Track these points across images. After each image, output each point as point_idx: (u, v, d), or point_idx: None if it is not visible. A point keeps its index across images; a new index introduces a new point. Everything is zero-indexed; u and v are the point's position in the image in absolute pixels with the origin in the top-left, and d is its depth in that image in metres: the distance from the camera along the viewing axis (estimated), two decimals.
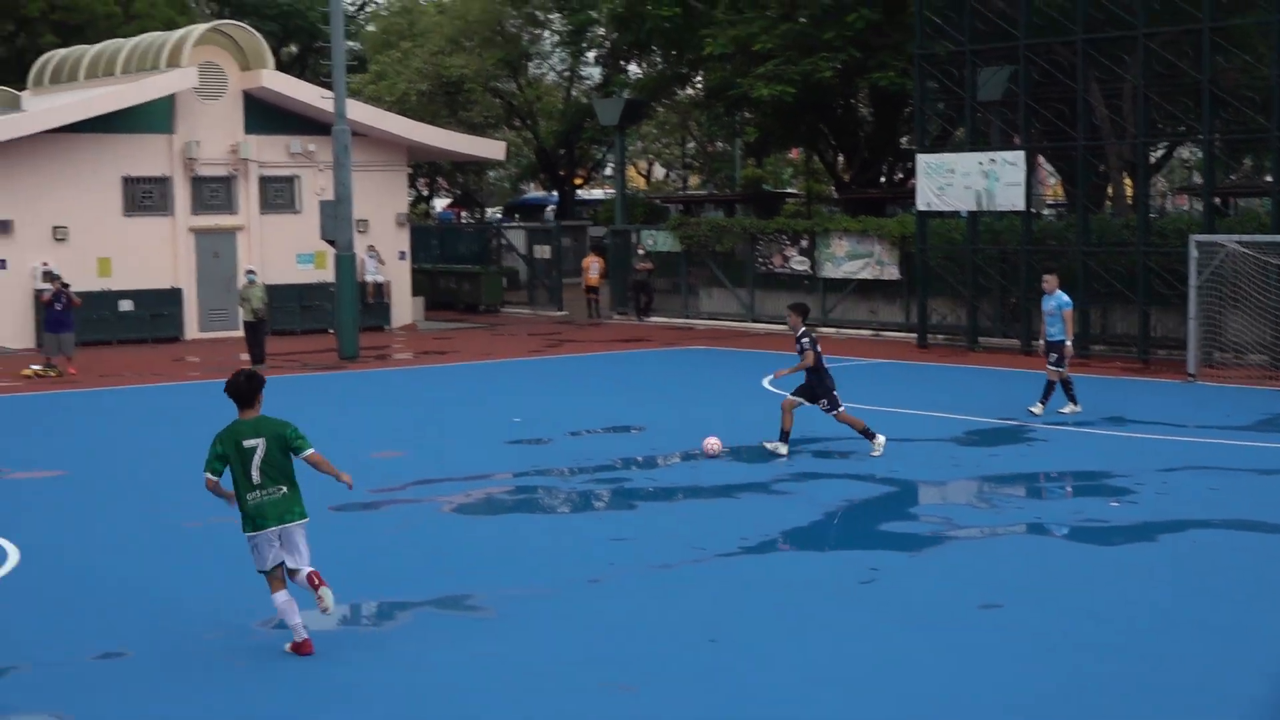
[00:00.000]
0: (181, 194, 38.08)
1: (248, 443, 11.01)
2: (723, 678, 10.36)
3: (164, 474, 18.60)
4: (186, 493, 17.25)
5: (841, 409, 19.48)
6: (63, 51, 43.28)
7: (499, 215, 71.98)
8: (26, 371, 29.98)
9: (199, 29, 38.90)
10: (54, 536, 15.04)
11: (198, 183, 38.37)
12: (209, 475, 11.07)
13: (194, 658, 10.92)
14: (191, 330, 38.03)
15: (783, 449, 19.29)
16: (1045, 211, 42.81)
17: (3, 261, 35.85)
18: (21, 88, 41.99)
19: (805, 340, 19.42)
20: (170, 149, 37.85)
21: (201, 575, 13.45)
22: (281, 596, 11.05)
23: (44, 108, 37.19)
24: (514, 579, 13.09)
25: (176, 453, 20.29)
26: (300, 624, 11.01)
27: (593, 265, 44.52)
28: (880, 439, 19.32)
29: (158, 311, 37.36)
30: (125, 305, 36.83)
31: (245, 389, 11.16)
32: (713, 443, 19.39)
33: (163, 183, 37.91)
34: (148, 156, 37.63)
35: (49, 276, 31.62)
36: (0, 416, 24.88)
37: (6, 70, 57.56)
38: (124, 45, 40.09)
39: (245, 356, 31.21)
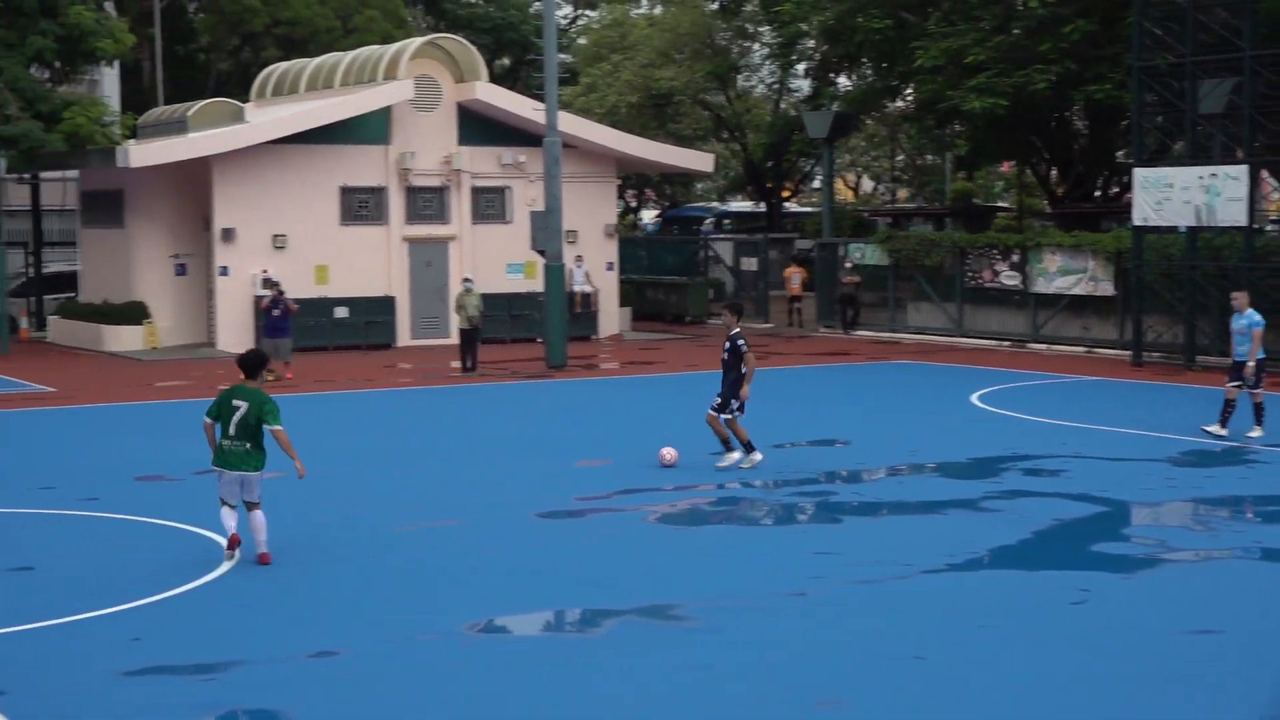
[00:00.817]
0: (396, 204, 38.87)
1: (236, 403, 14.10)
2: (928, 695, 10.23)
3: (375, 477, 18.98)
4: (399, 496, 17.62)
5: (729, 417, 19.19)
6: (284, 65, 44.48)
7: (709, 227, 72.11)
8: None
9: (415, 43, 39.69)
10: (271, 536, 15.41)
11: (412, 193, 39.14)
12: (206, 419, 14.36)
13: (405, 658, 11.11)
14: (404, 337, 38.77)
15: (756, 456, 19.20)
16: (1269, 228, 41.59)
17: (225, 268, 36.96)
18: (245, 100, 43.26)
19: (741, 342, 19.34)
20: (386, 160, 38.66)
21: (413, 577, 13.68)
22: (226, 512, 14.24)
23: (266, 119, 38.26)
24: (718, 590, 13.09)
25: (386, 456, 20.71)
26: (231, 526, 14.18)
27: (794, 275, 45.22)
28: (757, 455, 19.14)
29: (371, 319, 38.16)
30: (341, 312, 37.70)
31: (252, 363, 14.50)
32: (668, 453, 19.39)
33: (378, 193, 38.75)
34: (364, 167, 38.50)
35: (268, 283, 32.50)
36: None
37: (231, 83, 59.42)
38: (343, 59, 41.08)
39: (455, 364, 31.72)
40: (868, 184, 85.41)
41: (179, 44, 62.33)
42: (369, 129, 38.35)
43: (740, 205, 76.00)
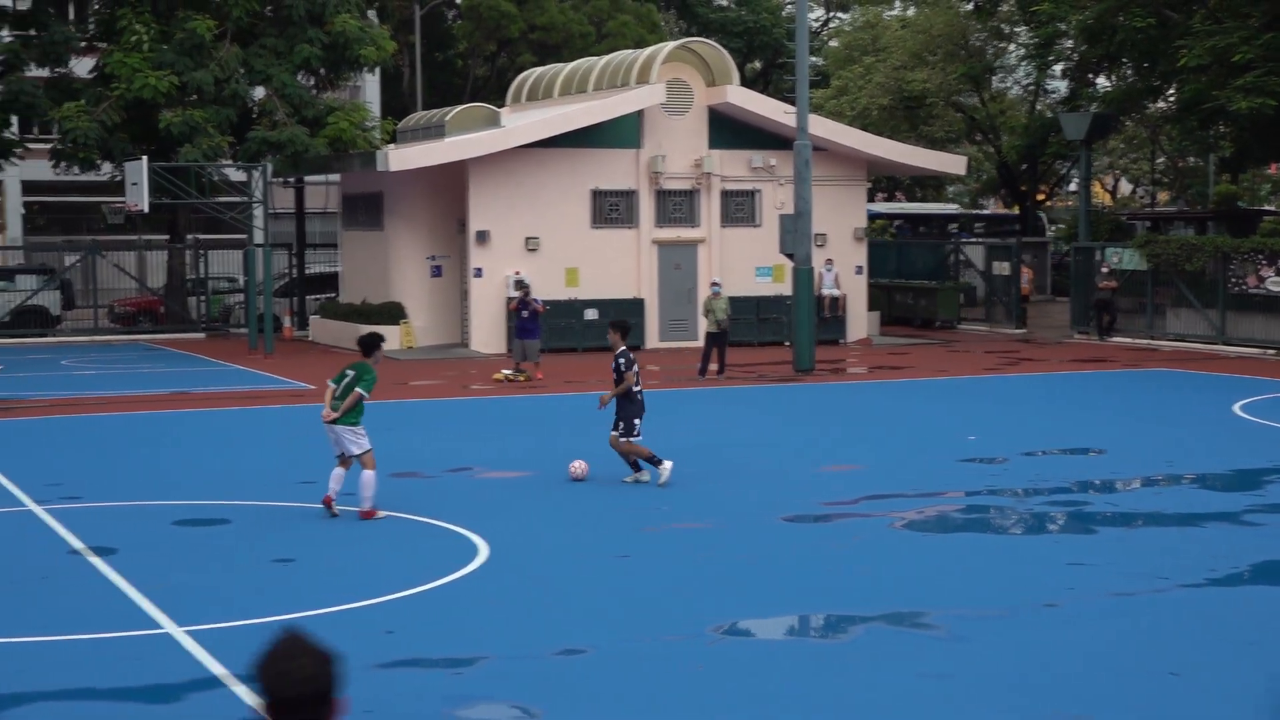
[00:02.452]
0: (646, 207, 39.18)
1: (347, 372, 16.66)
2: (1182, 713, 9.92)
3: (622, 476, 19.12)
4: (646, 499, 17.73)
5: (630, 439, 18.51)
6: (539, 70, 45.17)
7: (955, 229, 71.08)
8: (497, 376, 31.40)
9: (668, 47, 39.94)
10: (520, 534, 15.67)
11: (662, 196, 39.41)
12: (330, 384, 16.74)
13: (651, 658, 11.17)
14: (652, 340, 39.06)
15: (664, 470, 18.40)
16: None
17: (479, 270, 37.69)
18: (501, 104, 44.05)
19: (622, 361, 18.67)
20: (637, 163, 39.00)
21: (659, 578, 13.75)
22: (336, 469, 16.53)
23: (521, 124, 38.90)
24: (966, 599, 12.88)
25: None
26: (334, 487, 16.38)
27: (1022, 275, 45.70)
28: (667, 465, 18.37)
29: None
30: (590, 314, 38.12)
31: (368, 344, 16.97)
32: (578, 466, 18.90)
33: (629, 196, 39.11)
34: (616, 170, 38.90)
35: (519, 285, 33.03)
36: (471, 418, 26.15)
37: (488, 88, 60.60)
38: (596, 63, 41.56)
39: (710, 366, 31.80)
40: (1125, 187, 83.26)
41: (438, 50, 63.83)
42: (621, 133, 38.73)
43: (945, 208, 74.72)
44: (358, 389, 16.38)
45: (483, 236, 37.70)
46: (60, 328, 45.64)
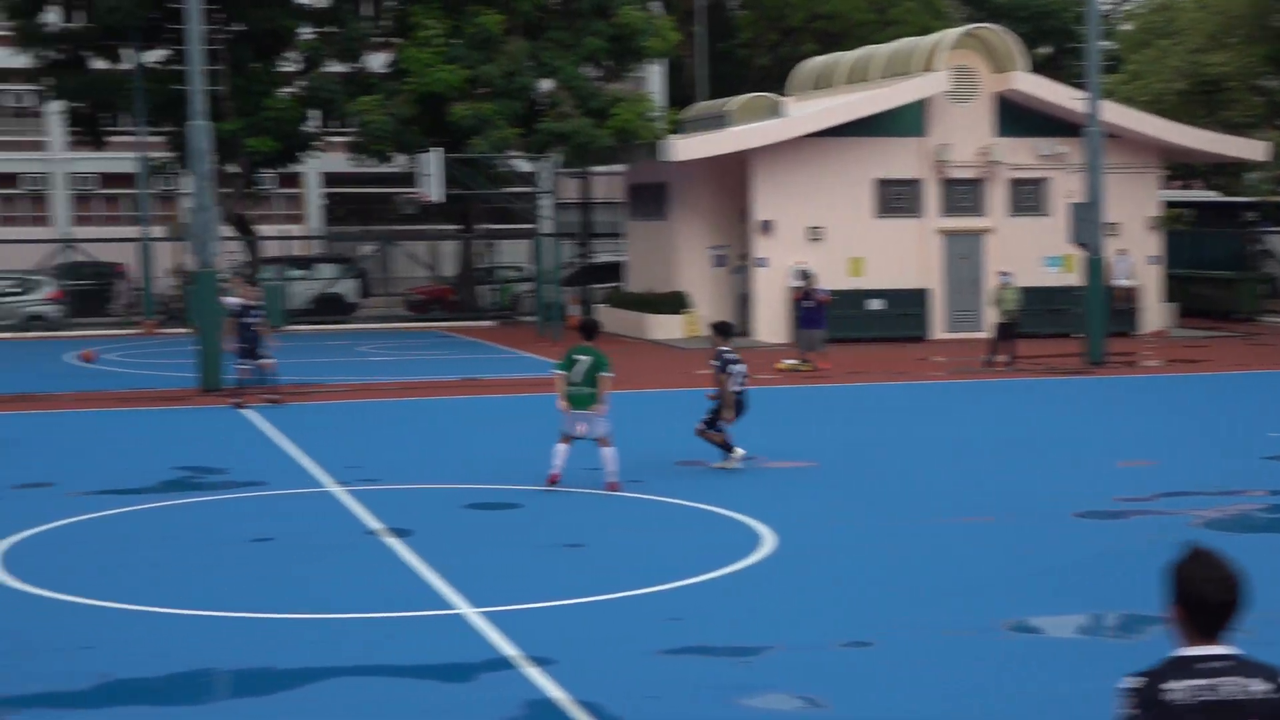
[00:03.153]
0: (931, 196, 38.69)
1: (580, 357, 17.40)
2: None
3: (908, 470, 18.92)
4: (932, 490, 17.51)
5: (709, 430, 19.01)
6: (822, 59, 44.95)
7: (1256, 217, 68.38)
8: (782, 366, 31.38)
9: (953, 33, 39.36)
10: (806, 524, 15.63)
11: (947, 185, 38.86)
12: (556, 370, 17.63)
13: (938, 653, 11.02)
14: (937, 330, 38.56)
15: (734, 457, 18.84)
16: None
17: (763, 260, 37.71)
18: (784, 94, 43.97)
19: (718, 362, 18.80)
20: (921, 152, 38.52)
21: (946, 572, 13.56)
22: (561, 446, 17.43)
23: (804, 113, 38.78)
24: (1264, 603, 12.36)
25: (919, 449, 20.62)
26: (558, 463, 17.29)
27: None
28: (739, 452, 18.87)
29: (905, 311, 38.12)
30: (874, 304, 37.82)
31: (590, 328, 18.13)
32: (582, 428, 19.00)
33: (913, 185, 38.66)
34: (899, 159, 38.49)
35: (803, 275, 32.93)
36: (757, 408, 26.14)
37: (769, 78, 60.50)
38: (880, 51, 41.17)
39: (996, 357, 31.23)
40: None
41: (720, 40, 64.01)
42: (905, 121, 38.30)
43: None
44: (607, 374, 17.33)
45: (767, 226, 37.70)
46: (357, 315, 47.19)
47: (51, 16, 47.05)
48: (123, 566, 13.92)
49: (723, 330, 19.54)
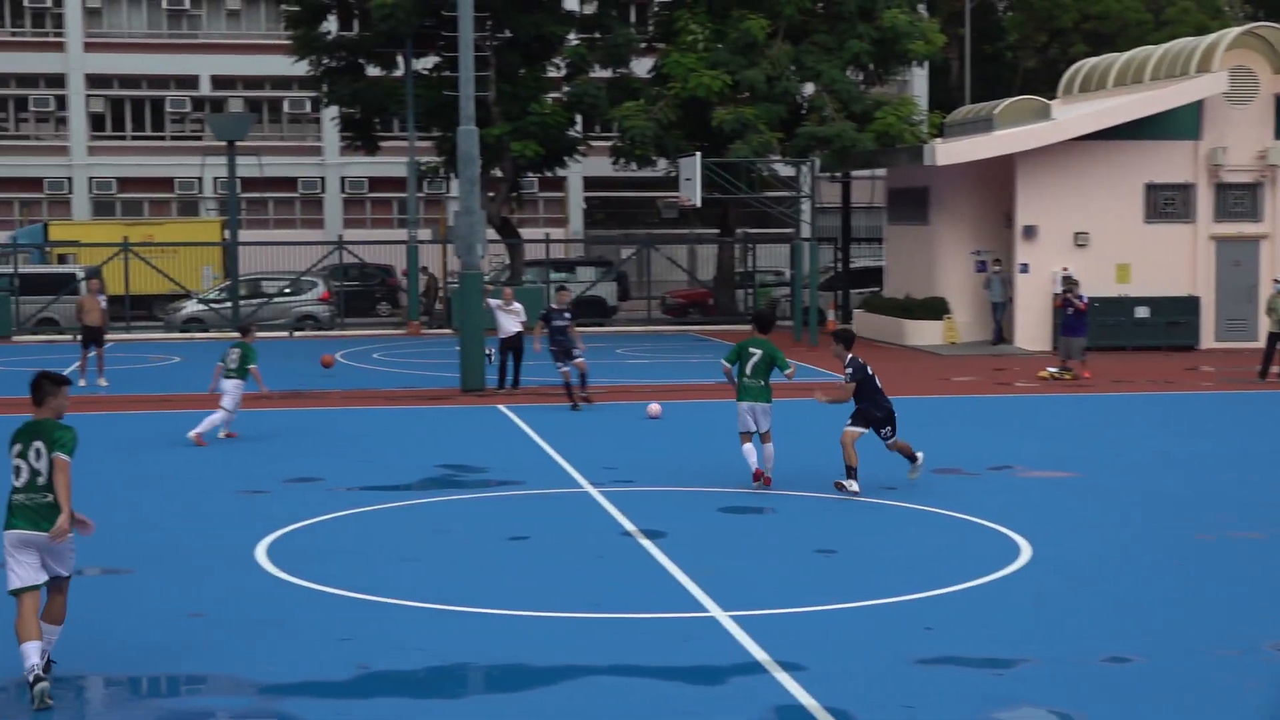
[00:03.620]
0: (1204, 201, 37.49)
1: (752, 350, 17.56)
2: None
3: (1173, 481, 18.36)
4: (1196, 502, 16.96)
5: (850, 431, 17.76)
6: (1092, 60, 43.92)
7: None
8: (1043, 373, 30.76)
9: (1231, 33, 38.08)
10: (1065, 535, 15.28)
11: (1221, 189, 37.61)
12: (724, 362, 17.83)
13: (1202, 672, 10.66)
14: (1207, 339, 37.34)
15: (850, 485, 17.29)
16: None
17: (1025, 265, 37.01)
18: (1051, 97, 43.10)
19: (850, 369, 17.61)
20: (1195, 155, 37.35)
21: (1214, 587, 13.12)
22: (747, 445, 17.75)
23: (1072, 116, 37.94)
24: None
25: (1188, 461, 19.98)
26: (753, 461, 17.65)
27: None
28: (853, 485, 17.39)
29: (1173, 319, 37.00)
30: (1141, 312, 36.79)
31: (767, 319, 18.34)
32: (654, 407, 21.44)
33: (1185, 189, 37.52)
34: (1170, 163, 37.38)
35: (1067, 281, 32.23)
36: (1015, 416, 25.71)
37: (1037, 80, 59.42)
38: (1153, 52, 40.05)
39: (1271, 368, 30.12)
40: None
41: (987, 42, 63.09)
42: (1177, 124, 37.18)
43: None
44: (790, 369, 17.54)
45: (1030, 232, 37.00)
46: (616, 317, 47.71)
47: (329, 25, 48.61)
48: (383, 561, 14.29)
49: (844, 339, 18.13)
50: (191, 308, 45.91)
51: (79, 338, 30.65)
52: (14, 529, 10.26)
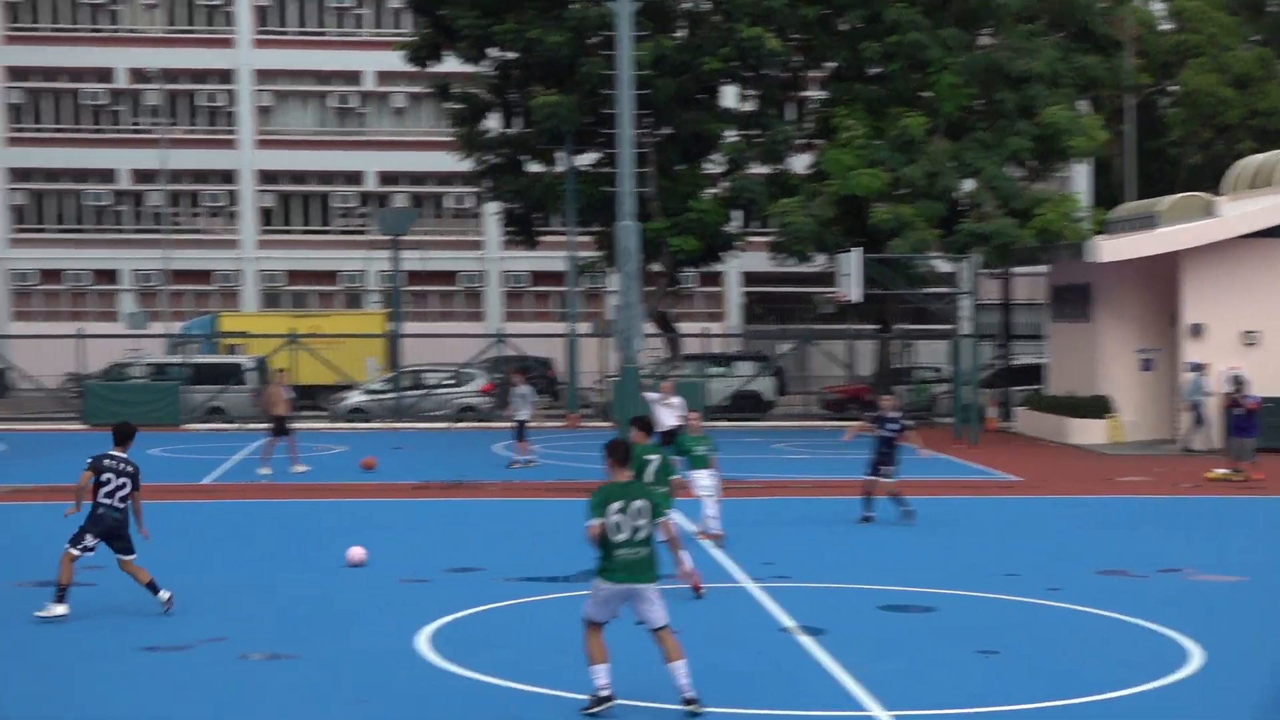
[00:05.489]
0: None
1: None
2: None
3: None
4: None
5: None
6: (1260, 156, 43.18)
7: None
8: (1212, 475, 30.08)
9: None
10: (1236, 641, 14.89)
11: None
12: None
13: None
14: None
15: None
16: None
17: (1196, 364, 36.26)
18: (1216, 193, 42.45)
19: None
20: None
21: None
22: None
23: (1239, 212, 37.32)
24: None
25: None
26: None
27: None
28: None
29: None
30: None
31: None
32: (356, 552, 18.60)
33: None
34: None
35: (1235, 381, 31.56)
36: (1183, 518, 25.16)
37: (1201, 176, 58.63)
38: None
39: None
40: None
41: (1150, 138, 62.44)
42: None
43: None
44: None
45: (1196, 330, 36.33)
46: (773, 412, 47.63)
47: (492, 124, 49.53)
48: (542, 652, 14.35)
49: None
50: (355, 398, 46.69)
51: (271, 426, 31.54)
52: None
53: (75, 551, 15.95)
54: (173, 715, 12.20)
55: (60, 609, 15.75)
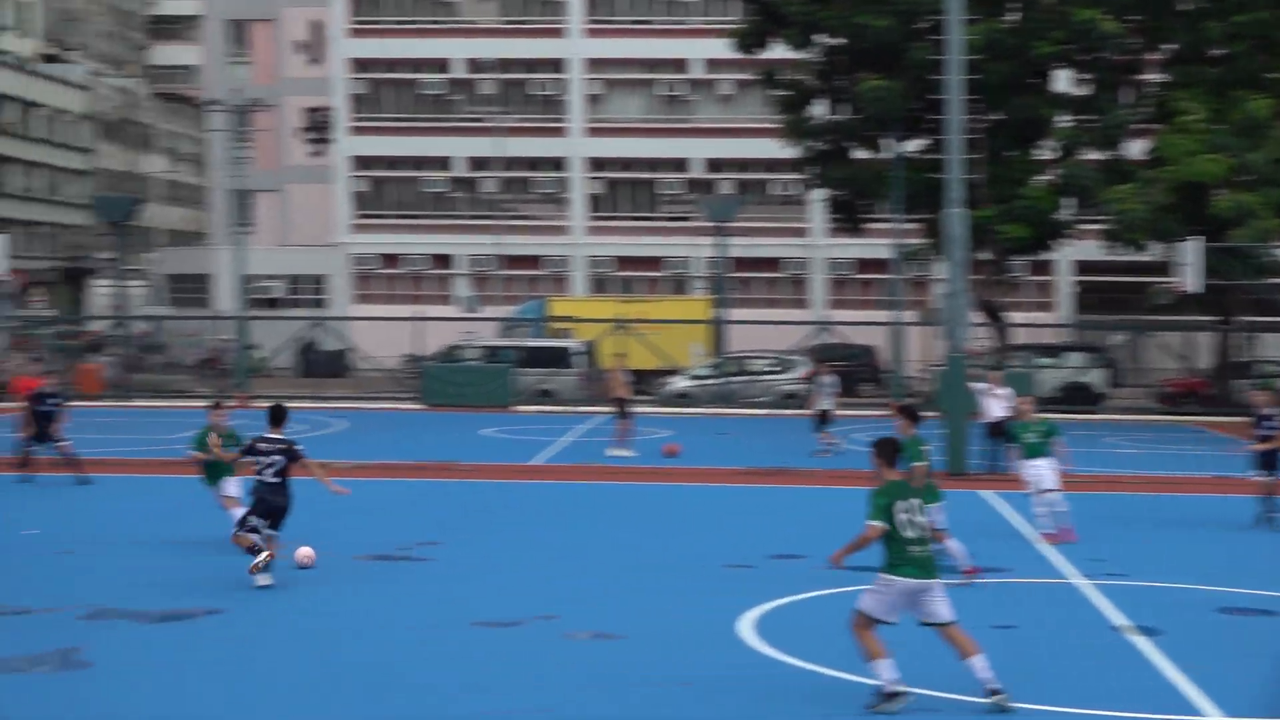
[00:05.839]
0: None
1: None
2: None
3: None
4: None
5: None
6: None
7: None
8: None
9: None
10: None
11: None
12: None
13: None
14: None
15: None
16: None
17: None
18: None
19: None
20: None
21: None
22: None
23: None
24: None
25: None
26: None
27: None
28: None
29: None
30: None
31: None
32: (304, 552, 17.18)
33: None
34: None
35: None
36: None
37: None
38: None
39: None
40: None
41: None
42: None
43: None
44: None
45: None
46: (1105, 405, 46.32)
47: (818, 110, 49.38)
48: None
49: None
50: (680, 383, 47.18)
51: (614, 409, 32.43)
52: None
53: (245, 534, 16.62)
54: (496, 688, 12.51)
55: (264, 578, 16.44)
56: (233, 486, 19.09)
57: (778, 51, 48.87)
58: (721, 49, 53.64)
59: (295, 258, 70.52)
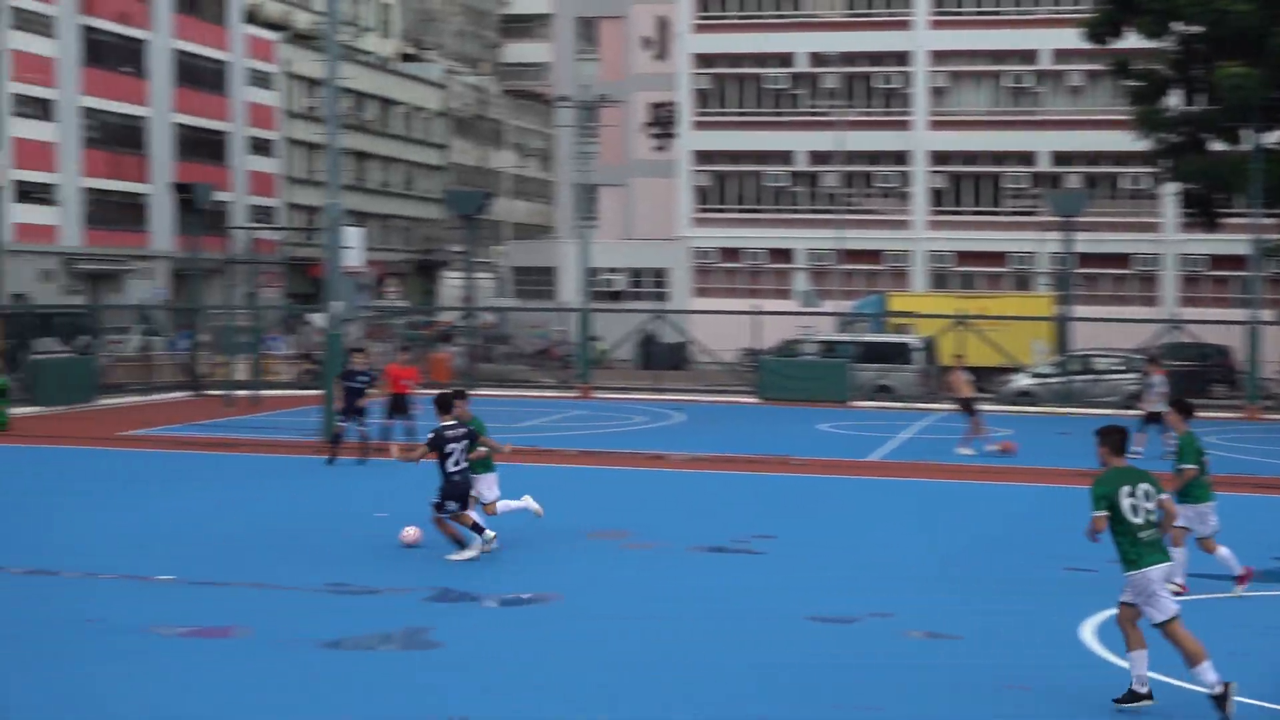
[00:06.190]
0: None
1: None
2: None
3: None
4: None
5: None
6: None
7: None
8: None
9: None
10: None
11: None
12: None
13: None
14: None
15: None
16: None
17: None
18: None
19: None
20: None
21: None
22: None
23: None
24: None
25: None
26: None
27: None
28: None
29: None
30: None
31: None
32: (410, 532, 18.27)
33: None
34: None
35: None
36: None
37: None
38: None
39: None
40: None
41: None
42: None
43: None
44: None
45: None
46: None
47: (1172, 101, 47.74)
48: (1217, 654, 13.70)
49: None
50: (1022, 381, 46.25)
51: (961, 409, 32.22)
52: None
53: (444, 516, 17.77)
54: (836, 685, 12.49)
55: (467, 553, 17.55)
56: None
57: (1130, 41, 47.45)
58: (1071, 39, 52.38)
59: (638, 251, 71.72)
